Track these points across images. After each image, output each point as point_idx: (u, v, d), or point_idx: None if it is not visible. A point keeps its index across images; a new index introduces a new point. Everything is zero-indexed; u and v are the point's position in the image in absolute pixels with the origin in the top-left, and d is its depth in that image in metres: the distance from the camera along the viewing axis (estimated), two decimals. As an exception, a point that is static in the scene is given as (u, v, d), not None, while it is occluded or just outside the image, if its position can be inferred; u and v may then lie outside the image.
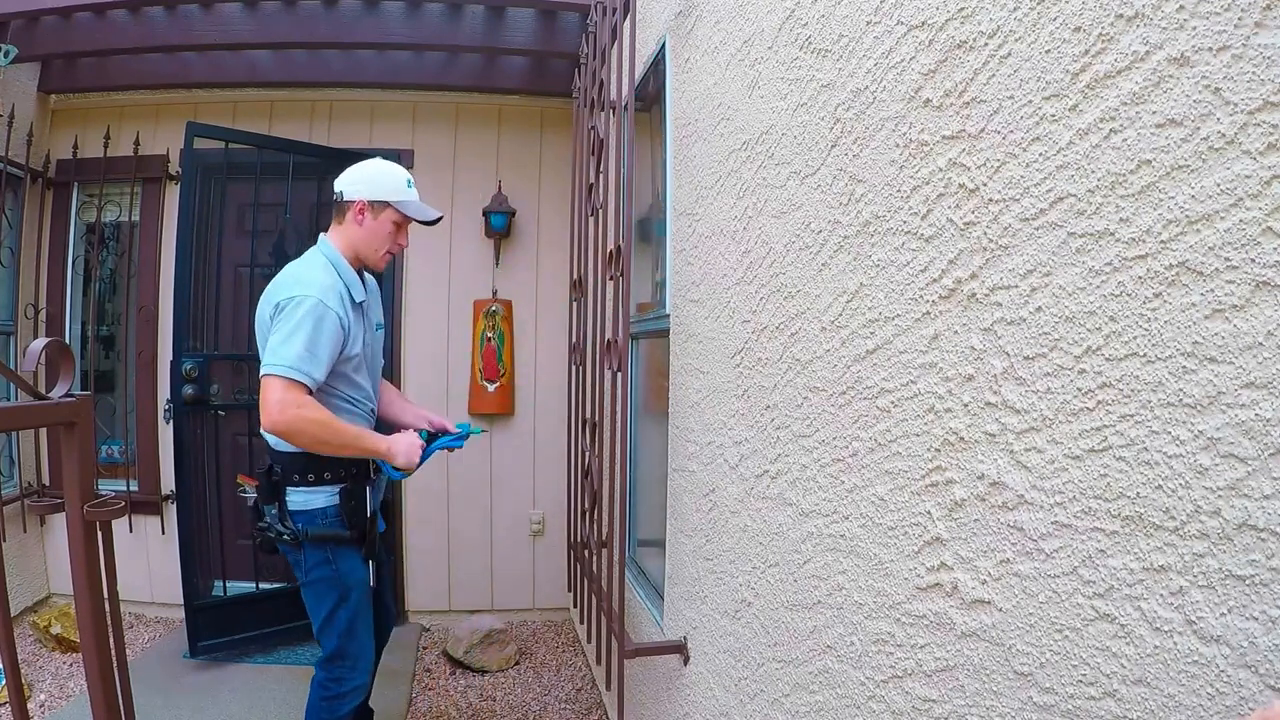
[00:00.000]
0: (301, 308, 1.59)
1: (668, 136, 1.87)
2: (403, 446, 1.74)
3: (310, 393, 1.60)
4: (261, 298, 1.72)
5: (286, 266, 1.76)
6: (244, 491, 1.90)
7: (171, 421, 2.91)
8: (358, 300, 1.76)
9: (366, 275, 1.88)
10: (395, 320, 3.26)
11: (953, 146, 0.75)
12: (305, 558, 1.72)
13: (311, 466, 1.70)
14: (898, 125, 0.84)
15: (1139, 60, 0.54)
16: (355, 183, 1.77)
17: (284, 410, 1.55)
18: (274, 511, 1.72)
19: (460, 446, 1.96)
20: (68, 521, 1.03)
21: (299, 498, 1.71)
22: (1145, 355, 0.54)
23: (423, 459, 1.81)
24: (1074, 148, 0.60)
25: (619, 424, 1.78)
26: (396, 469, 1.78)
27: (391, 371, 3.23)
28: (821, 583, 1.03)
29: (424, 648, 3.06)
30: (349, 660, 1.77)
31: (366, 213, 1.76)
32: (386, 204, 1.77)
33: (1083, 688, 0.59)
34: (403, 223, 1.81)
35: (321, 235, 1.81)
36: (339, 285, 1.70)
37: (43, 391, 1.01)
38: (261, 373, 1.58)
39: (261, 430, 1.65)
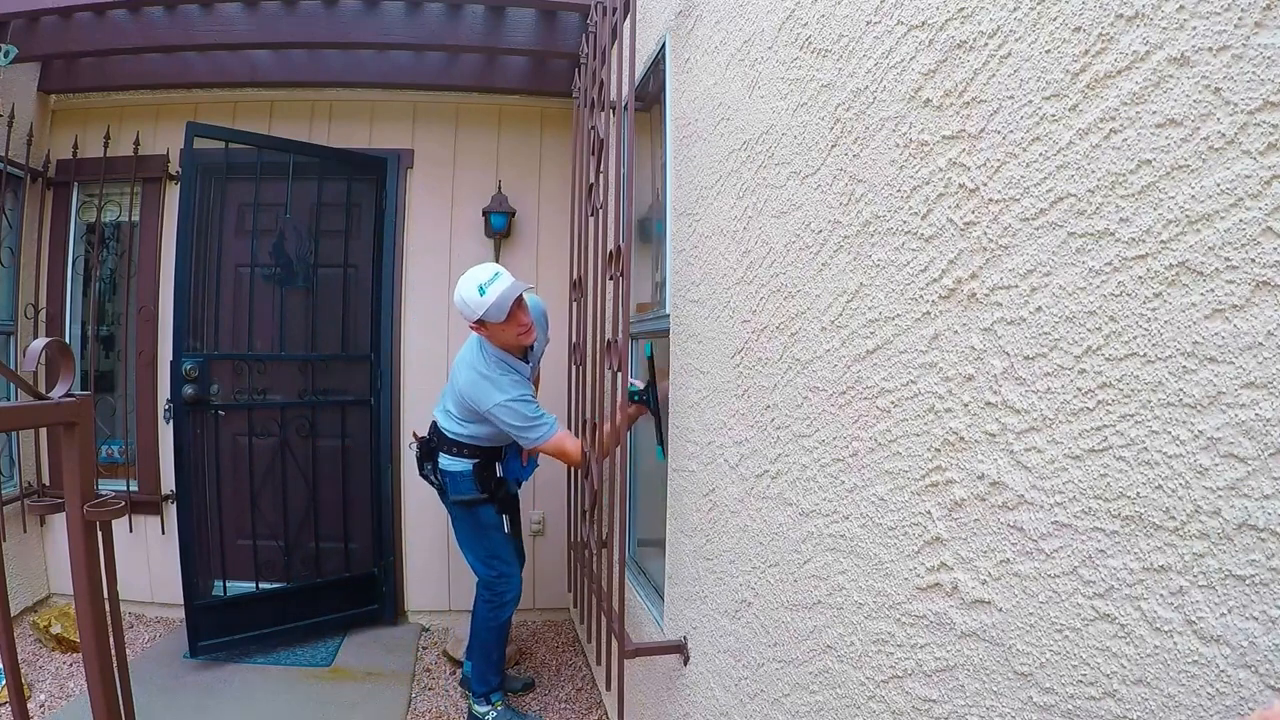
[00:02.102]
0: (512, 409, 2.16)
1: (668, 136, 1.87)
2: (630, 420, 2.18)
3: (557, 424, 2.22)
4: (465, 373, 2.23)
5: (475, 366, 2.23)
6: (412, 445, 2.56)
7: (171, 421, 2.91)
8: (522, 372, 2.29)
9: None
10: (396, 319, 3.26)
11: (953, 146, 0.75)
12: (451, 504, 2.42)
13: (454, 445, 2.36)
14: (898, 125, 0.84)
15: (1139, 60, 0.54)
16: (459, 311, 2.21)
17: (573, 452, 2.18)
18: (429, 467, 2.44)
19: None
20: (68, 521, 1.03)
21: (446, 461, 2.38)
22: (1145, 355, 0.54)
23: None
24: (1074, 148, 0.60)
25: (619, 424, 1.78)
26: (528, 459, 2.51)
27: (391, 370, 3.24)
28: (821, 583, 1.03)
29: (424, 648, 3.06)
30: (500, 578, 2.42)
31: (479, 329, 2.22)
32: (482, 322, 2.15)
33: (1083, 688, 0.59)
34: (507, 318, 2.14)
35: (480, 339, 2.29)
36: (511, 372, 2.24)
37: (43, 391, 1.01)
38: (540, 446, 2.21)
39: (436, 413, 2.45)
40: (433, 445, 2.41)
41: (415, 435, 2.55)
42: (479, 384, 2.21)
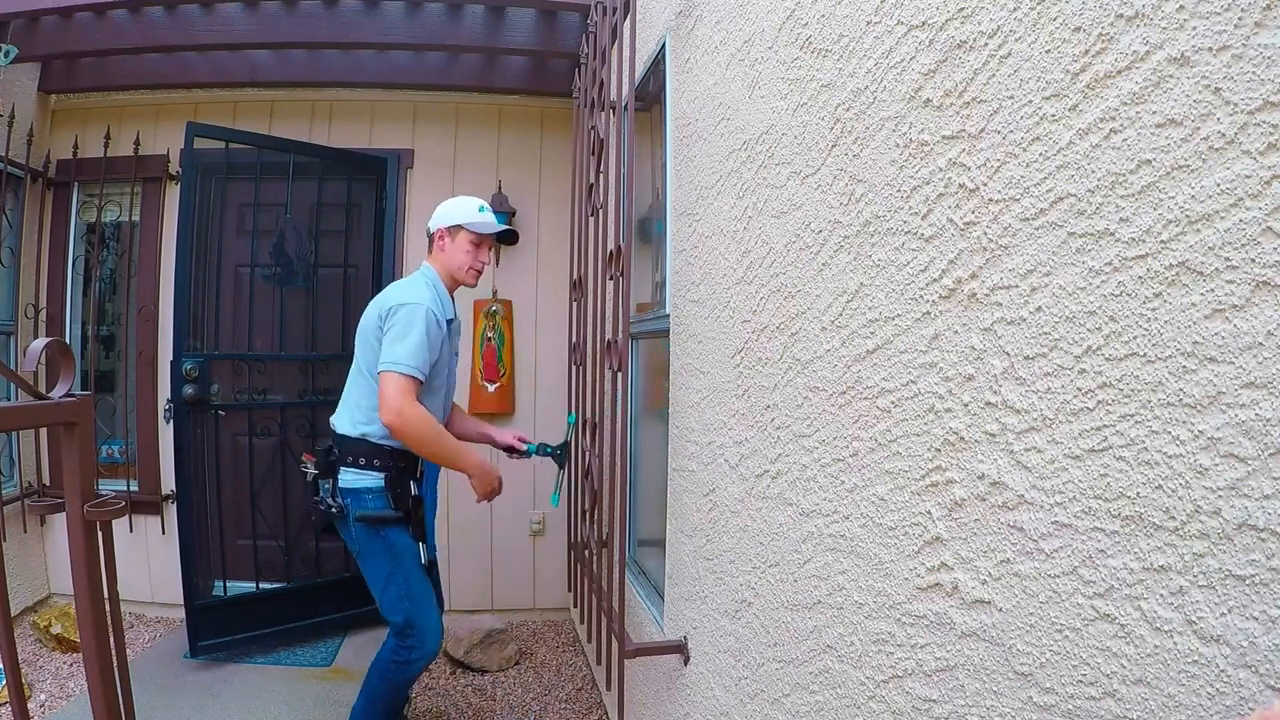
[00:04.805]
0: (413, 314, 1.85)
1: (668, 136, 1.87)
2: (484, 480, 2.03)
3: (419, 388, 1.84)
4: (369, 306, 1.98)
5: (394, 283, 2.07)
6: (305, 468, 2.09)
7: (171, 421, 2.91)
8: (447, 319, 1.99)
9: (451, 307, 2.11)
10: (395, 320, 3.26)
11: (953, 146, 0.75)
12: (354, 530, 1.92)
13: (363, 452, 1.91)
14: (898, 125, 0.84)
15: (1139, 60, 0.54)
16: (436, 218, 2.08)
17: (402, 402, 1.78)
18: (328, 487, 1.94)
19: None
20: (68, 521, 1.03)
21: (350, 477, 1.92)
22: (1145, 355, 0.54)
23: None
24: (1074, 148, 0.60)
25: (619, 424, 1.78)
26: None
27: (391, 371, 3.23)
28: (821, 583, 1.03)
29: (424, 648, 3.06)
30: (418, 630, 1.92)
31: (446, 238, 2.05)
32: (460, 227, 2.03)
33: (1083, 688, 0.59)
34: (479, 241, 2.05)
35: (424, 262, 2.10)
36: (437, 301, 1.96)
37: (43, 391, 1.01)
38: (380, 369, 1.82)
39: (333, 419, 2.01)
40: (333, 458, 1.95)
41: (306, 456, 2.10)
42: (401, 285, 1.99)
